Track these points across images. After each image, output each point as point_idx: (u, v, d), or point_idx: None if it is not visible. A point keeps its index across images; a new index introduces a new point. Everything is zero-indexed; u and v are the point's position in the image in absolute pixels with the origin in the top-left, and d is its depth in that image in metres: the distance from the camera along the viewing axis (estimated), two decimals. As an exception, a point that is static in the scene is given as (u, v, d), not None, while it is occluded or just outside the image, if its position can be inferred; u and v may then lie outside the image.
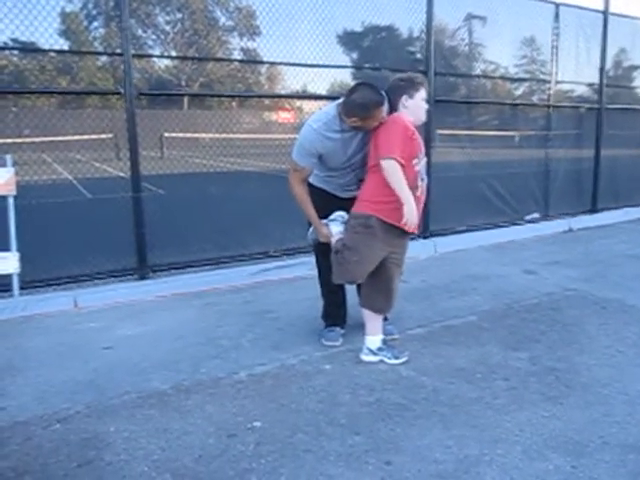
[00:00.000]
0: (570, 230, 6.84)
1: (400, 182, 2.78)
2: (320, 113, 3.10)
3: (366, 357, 3.14)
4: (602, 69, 7.36)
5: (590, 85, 7.57)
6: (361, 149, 3.06)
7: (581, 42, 7.15)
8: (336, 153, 3.04)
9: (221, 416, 2.54)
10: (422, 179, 3.00)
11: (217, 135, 5.39)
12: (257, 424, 2.47)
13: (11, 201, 4.03)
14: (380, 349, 3.11)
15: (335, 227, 3.13)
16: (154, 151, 5.58)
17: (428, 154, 4.46)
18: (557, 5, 6.78)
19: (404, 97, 2.96)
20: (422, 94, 3.00)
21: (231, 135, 5.46)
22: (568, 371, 2.98)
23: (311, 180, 3.20)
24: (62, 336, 3.56)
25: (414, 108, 2.98)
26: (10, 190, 4.01)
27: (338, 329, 3.44)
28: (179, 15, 5.04)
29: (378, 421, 2.49)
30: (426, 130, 5.64)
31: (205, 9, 5.20)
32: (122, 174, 4.74)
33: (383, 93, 2.93)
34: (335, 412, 2.58)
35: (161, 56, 4.79)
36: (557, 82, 7.10)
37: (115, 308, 4.07)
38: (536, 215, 7.11)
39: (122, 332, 3.60)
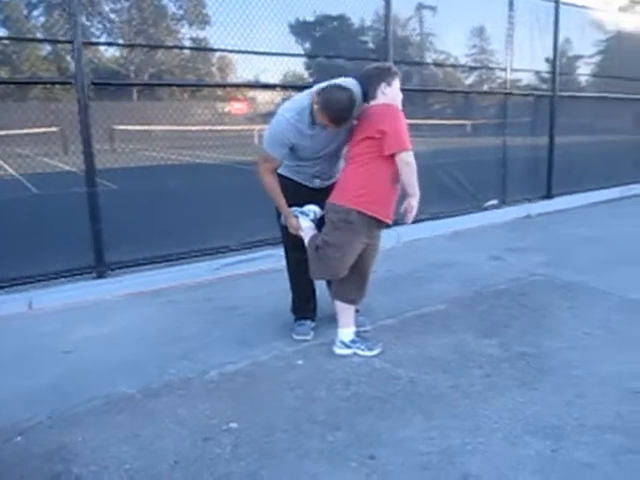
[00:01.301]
0: (529, 216, 6.96)
1: (415, 175, 2.81)
2: (292, 102, 2.99)
3: (339, 350, 3.08)
4: (555, 57, 7.49)
5: (543, 73, 7.71)
6: (334, 139, 2.98)
7: (535, 31, 7.26)
8: (308, 145, 2.96)
9: (194, 419, 2.44)
10: None
11: (169, 127, 5.23)
12: (233, 425, 2.38)
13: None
14: (353, 341, 3.06)
15: (304, 221, 3.06)
16: (106, 144, 5.42)
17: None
18: (511, -6, 6.85)
19: (383, 85, 2.88)
20: (397, 83, 2.95)
21: (184, 127, 5.32)
22: (539, 355, 3.00)
23: (280, 170, 3.10)
24: (17, 341, 3.36)
25: (393, 96, 2.92)
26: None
27: (309, 322, 3.37)
28: (126, 3, 4.84)
29: (357, 415, 2.45)
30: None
31: None
32: (72, 169, 4.52)
33: (351, 87, 2.81)
34: (312, 408, 2.51)
35: (112, 44, 4.59)
36: (512, 70, 7.18)
37: (73, 309, 3.88)
38: (494, 202, 7.20)
39: (82, 334, 3.42)
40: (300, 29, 5.58)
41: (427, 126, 6.84)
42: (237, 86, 5.37)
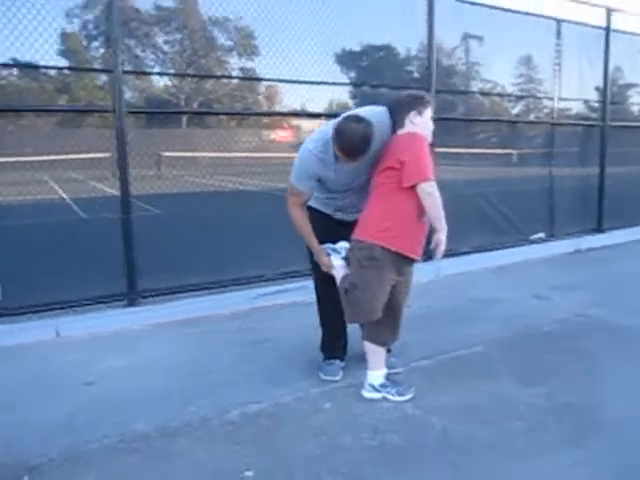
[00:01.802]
0: (578, 250, 6.61)
1: (440, 207, 2.63)
2: (318, 132, 2.89)
3: (368, 394, 2.89)
4: (605, 86, 7.20)
5: (593, 102, 7.42)
6: (359, 173, 2.84)
7: (583, 59, 7.00)
8: (333, 178, 2.84)
9: (210, 463, 2.30)
10: None
11: (215, 154, 5.28)
12: (248, 474, 2.22)
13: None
14: (383, 385, 2.87)
15: (336, 259, 2.91)
16: (152, 170, 5.51)
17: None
18: (559, 21, 6.64)
19: (412, 113, 2.73)
20: (430, 112, 2.79)
21: (229, 154, 5.34)
22: (588, 408, 2.74)
23: (310, 202, 2.98)
24: (40, 369, 3.31)
25: (423, 125, 2.76)
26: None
27: (338, 362, 3.19)
28: (178, 36, 4.96)
29: (383, 468, 2.25)
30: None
31: (204, 29, 5.09)
32: (117, 193, 4.52)
33: (370, 118, 2.65)
34: (336, 458, 2.34)
35: (152, 73, 4.64)
36: (560, 99, 6.94)
37: (100, 338, 3.83)
38: (541, 235, 6.90)
39: (106, 365, 3.35)
40: (346, 58, 5.57)
41: (471, 155, 6.66)
42: (282, 115, 5.37)
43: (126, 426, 2.61)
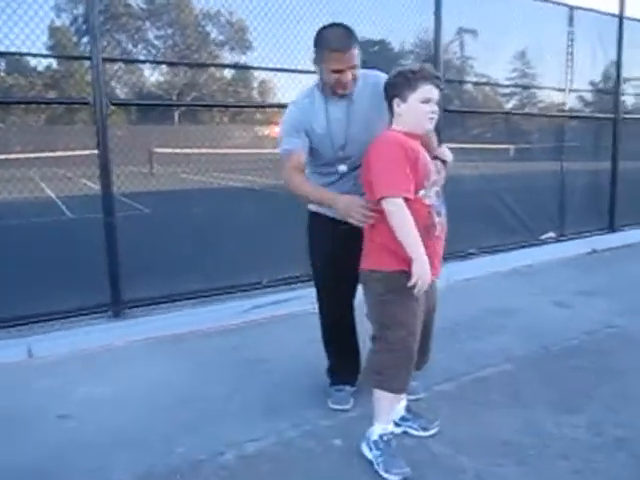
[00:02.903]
0: (594, 251, 6.23)
1: (408, 230, 2.03)
2: (299, 93, 2.53)
3: (366, 452, 2.27)
4: (618, 78, 6.84)
5: (605, 93, 7.05)
6: (358, 123, 2.38)
7: (597, 48, 6.63)
8: (326, 130, 2.38)
9: (200, 526, 1.90)
10: (439, 212, 2.19)
11: (208, 150, 5.03)
12: (248, 540, 1.83)
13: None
14: (404, 418, 2.47)
15: None
16: (145, 167, 5.27)
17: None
18: (571, 8, 6.26)
19: (396, 101, 2.17)
20: (422, 93, 2.12)
21: (223, 150, 5.08)
22: (642, 443, 2.36)
23: (310, 206, 2.59)
24: (6, 401, 2.87)
25: (407, 115, 2.16)
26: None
27: (348, 388, 2.78)
28: (169, 30, 4.76)
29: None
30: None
31: (196, 23, 4.82)
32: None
33: None
34: (352, 515, 1.94)
35: (134, 61, 4.23)
36: (571, 91, 6.56)
37: (78, 358, 3.41)
38: (551, 234, 6.53)
39: (83, 393, 2.93)
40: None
41: (475, 150, 6.30)
42: (275, 107, 5.01)
43: (100, 474, 2.21)
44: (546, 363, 3.22)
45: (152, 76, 4.83)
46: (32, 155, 4.39)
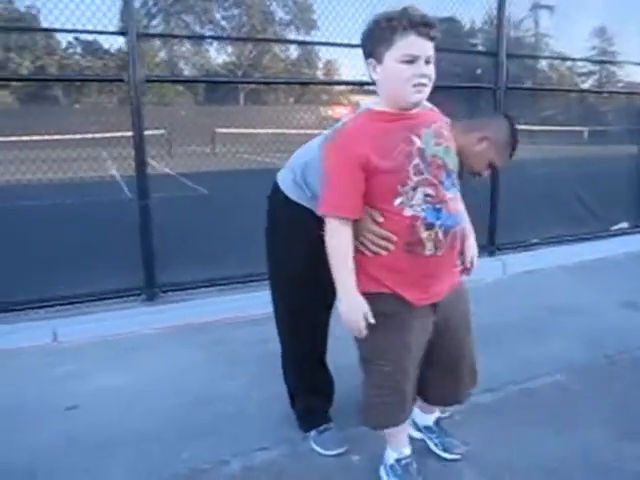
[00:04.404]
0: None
1: (337, 260, 1.65)
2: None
3: (384, 477, 1.98)
4: None
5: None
6: None
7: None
8: None
9: None
10: (430, 225, 1.63)
11: (271, 130, 5.08)
12: None
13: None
14: (429, 429, 2.16)
15: None
16: (207, 147, 5.53)
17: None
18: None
19: (371, 62, 1.62)
20: (400, 49, 1.52)
21: (286, 130, 5.00)
22: None
23: (288, 192, 2.08)
24: (20, 386, 2.79)
25: (384, 82, 1.61)
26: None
27: (332, 425, 2.28)
28: (236, 11, 4.84)
29: None
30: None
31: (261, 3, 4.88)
32: (171, 172, 4.49)
33: None
34: None
35: (170, 35, 4.03)
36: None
37: (102, 343, 3.29)
38: (624, 225, 5.93)
39: (98, 382, 2.80)
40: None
41: (545, 132, 5.79)
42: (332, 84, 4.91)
43: (93, 476, 2.04)
44: (608, 376, 2.81)
45: (217, 58, 4.85)
46: (108, 135, 4.48)
